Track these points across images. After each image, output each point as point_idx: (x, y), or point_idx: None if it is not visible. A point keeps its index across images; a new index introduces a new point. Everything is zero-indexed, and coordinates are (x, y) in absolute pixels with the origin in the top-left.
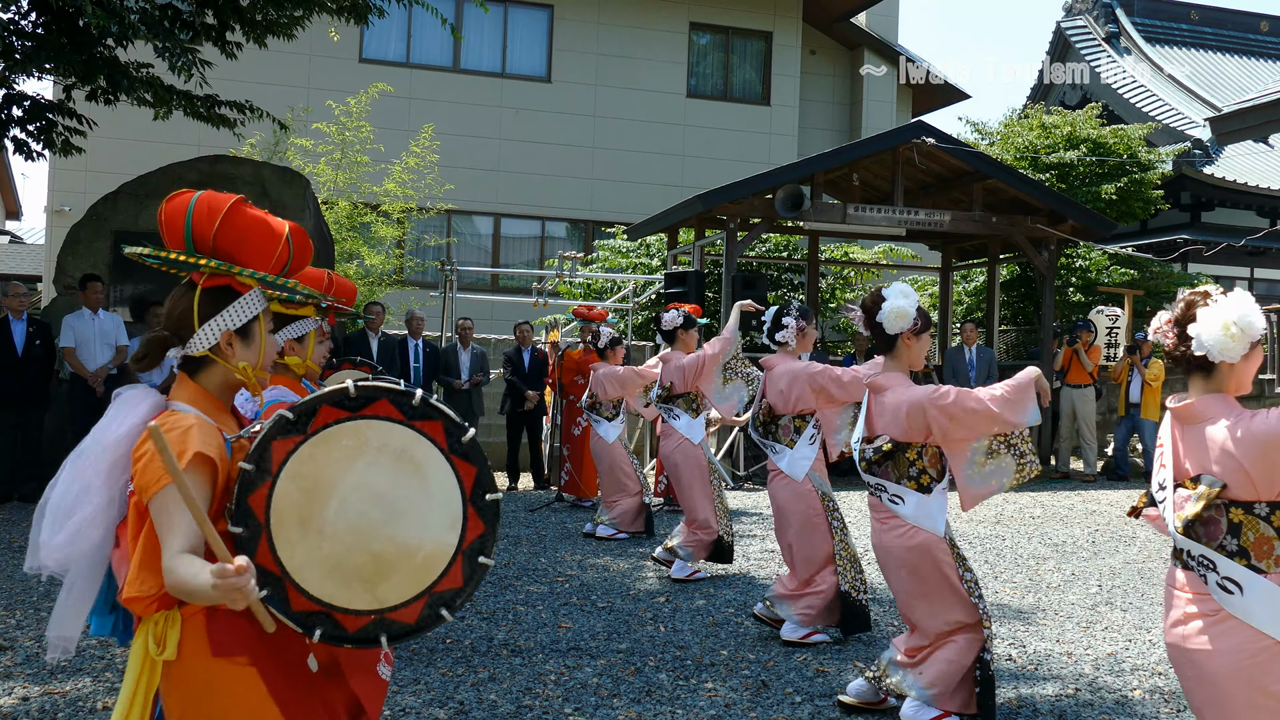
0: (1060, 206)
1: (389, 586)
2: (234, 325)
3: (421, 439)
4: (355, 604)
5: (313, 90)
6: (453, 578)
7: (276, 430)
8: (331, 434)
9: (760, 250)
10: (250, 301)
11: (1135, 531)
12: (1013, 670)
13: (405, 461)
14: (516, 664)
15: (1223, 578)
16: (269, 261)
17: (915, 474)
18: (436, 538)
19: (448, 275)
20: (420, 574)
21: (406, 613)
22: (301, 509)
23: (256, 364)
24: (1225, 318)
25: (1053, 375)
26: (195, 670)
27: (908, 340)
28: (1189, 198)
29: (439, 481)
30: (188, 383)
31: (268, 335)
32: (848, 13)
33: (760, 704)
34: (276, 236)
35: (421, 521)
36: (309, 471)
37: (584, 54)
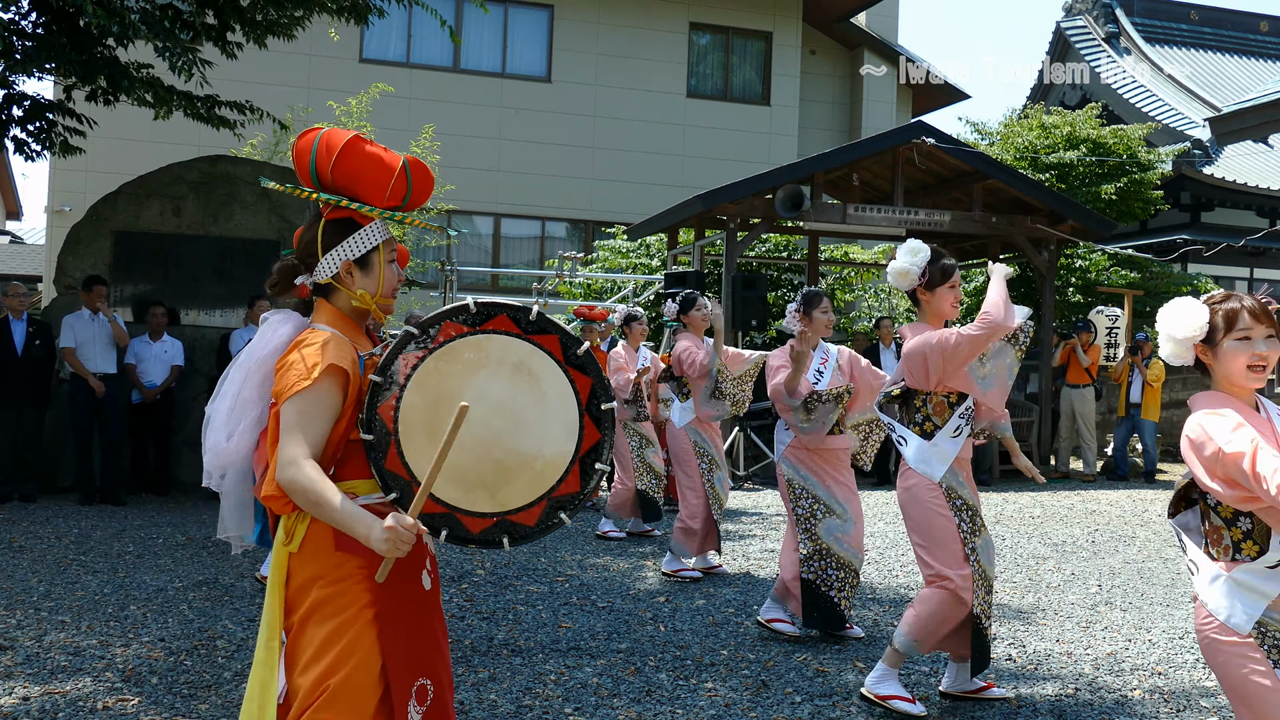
0: (1060, 206)
1: (510, 490)
2: (353, 255)
3: (538, 351)
4: (479, 507)
5: (313, 90)
6: (570, 483)
7: (402, 344)
8: (454, 347)
9: (760, 250)
10: (370, 233)
11: (1135, 531)
12: (1012, 670)
13: (523, 373)
14: (516, 664)
15: (1189, 559)
16: (383, 195)
17: (920, 420)
18: (555, 445)
19: (448, 275)
20: (540, 479)
21: (527, 515)
22: (428, 418)
23: (376, 292)
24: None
25: (1051, 375)
26: (313, 560)
27: (924, 296)
28: (1189, 198)
29: (556, 391)
30: (325, 306)
31: (388, 266)
32: (848, 13)
33: (760, 704)
34: (390, 170)
35: (541, 429)
36: (434, 383)
37: (584, 54)
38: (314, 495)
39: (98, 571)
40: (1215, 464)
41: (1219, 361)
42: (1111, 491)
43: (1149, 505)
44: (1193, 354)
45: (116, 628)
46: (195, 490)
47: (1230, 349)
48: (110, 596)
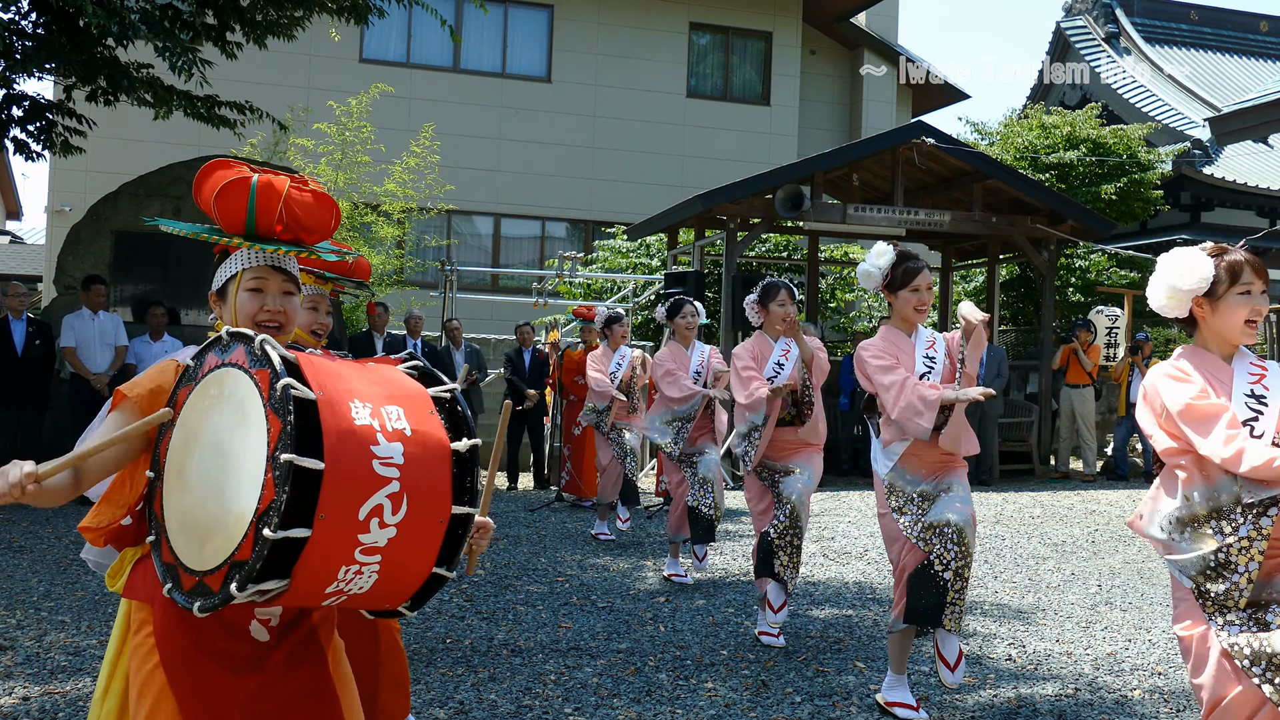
0: (1060, 206)
1: (211, 548)
2: (214, 287)
3: (254, 389)
4: (190, 562)
5: (313, 90)
6: (245, 549)
7: (182, 379)
8: (207, 382)
9: (760, 250)
10: (231, 263)
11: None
12: (1012, 670)
13: (240, 414)
14: (516, 664)
15: None
16: (238, 221)
17: (877, 420)
18: (243, 501)
19: (448, 275)
20: (228, 541)
21: (214, 580)
22: (180, 458)
23: (232, 322)
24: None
25: (1051, 375)
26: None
27: (887, 297)
28: (1189, 198)
29: (256, 436)
30: None
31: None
32: (848, 13)
33: (760, 704)
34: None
35: (238, 480)
36: (189, 420)
37: (584, 54)
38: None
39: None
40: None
41: (1217, 315)
42: (1111, 491)
43: None
44: (1188, 306)
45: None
46: None
47: (1233, 303)
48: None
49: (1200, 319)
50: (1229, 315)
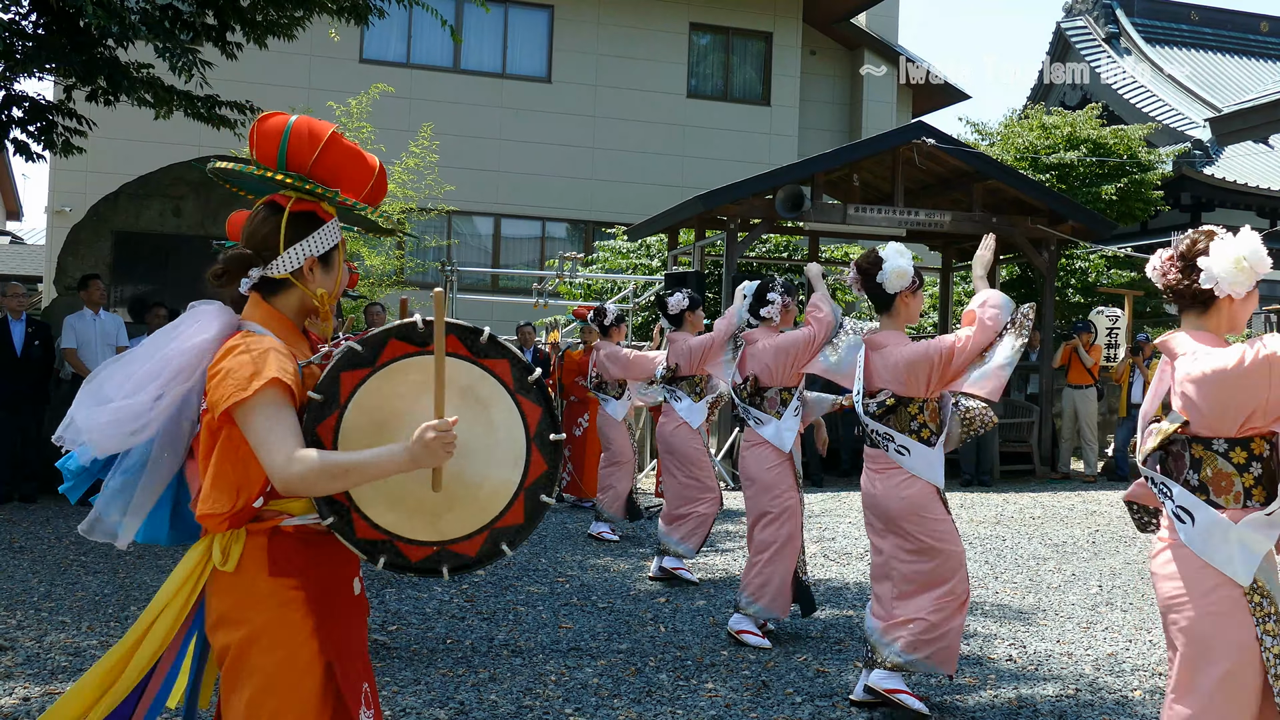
0: (1060, 207)
1: (452, 519)
2: (318, 251)
3: (488, 376)
4: (419, 534)
5: (313, 91)
6: (514, 514)
7: (345, 362)
8: (399, 367)
9: (760, 251)
10: (333, 229)
11: (1135, 532)
12: (1013, 670)
13: (471, 398)
14: (517, 664)
15: (1176, 505)
16: (362, 190)
17: (917, 428)
18: (500, 474)
19: (448, 276)
20: (483, 509)
21: (468, 545)
22: (369, 440)
23: (332, 292)
24: (1238, 251)
25: (1051, 375)
26: (246, 583)
27: (905, 299)
28: (1189, 198)
29: (503, 419)
30: (261, 304)
31: (343, 266)
32: (848, 13)
33: (761, 704)
34: (370, 169)
35: (485, 458)
36: (376, 404)
37: (584, 54)
38: (337, 468)
39: (98, 572)
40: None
41: (1247, 303)
42: (1112, 492)
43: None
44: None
45: (117, 628)
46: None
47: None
48: (111, 597)
49: (1230, 302)
50: (1249, 304)
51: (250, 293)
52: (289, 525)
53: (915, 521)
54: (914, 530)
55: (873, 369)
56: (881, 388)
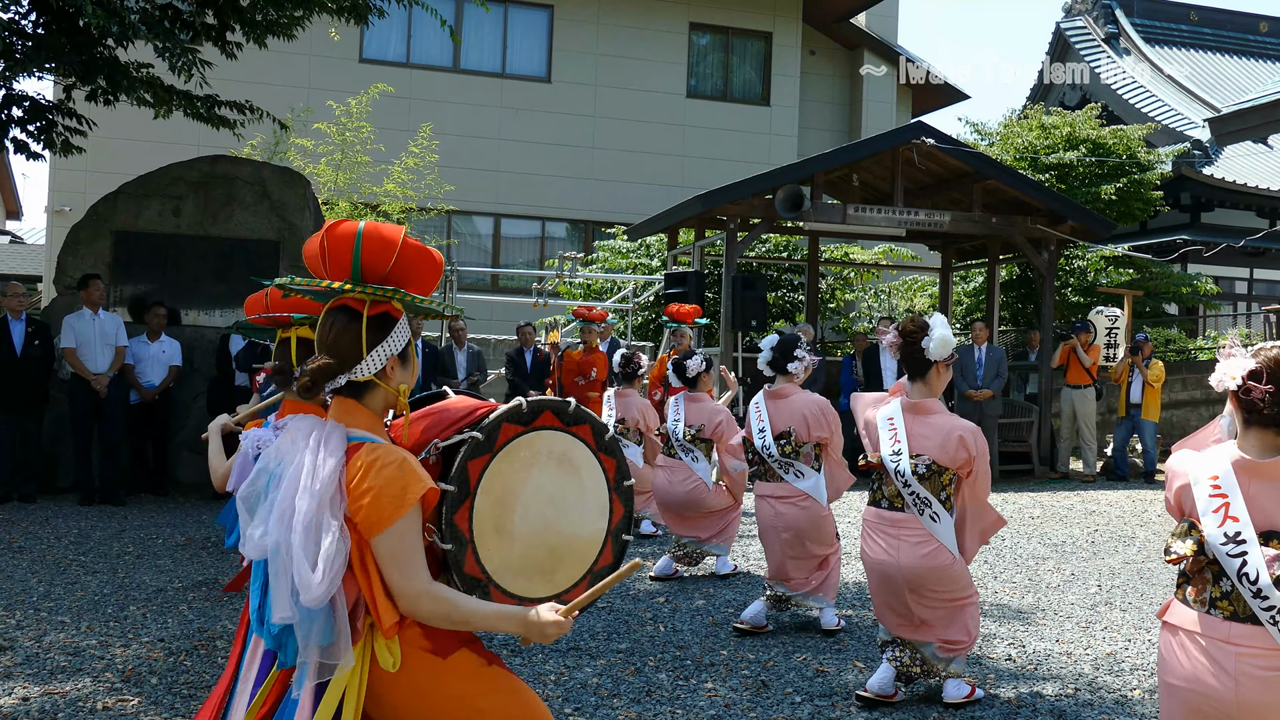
0: (1060, 207)
1: (562, 573)
2: (397, 350)
3: (576, 441)
4: (538, 592)
5: (313, 90)
6: (606, 556)
7: (471, 452)
8: (512, 448)
9: (760, 251)
10: (405, 326)
11: (1134, 532)
12: (1012, 670)
13: (566, 463)
14: (516, 664)
15: None
16: (432, 287)
17: (944, 497)
18: (593, 525)
19: (448, 276)
20: (584, 558)
21: (575, 592)
22: (496, 519)
23: (411, 385)
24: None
25: (1050, 375)
26: (421, 670)
27: (940, 369)
28: (1188, 198)
29: (591, 476)
30: (358, 408)
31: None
32: (848, 13)
33: (760, 704)
34: (438, 266)
35: (581, 513)
36: (498, 485)
37: (584, 54)
38: (459, 615)
39: (97, 572)
40: None
41: None
42: (1111, 492)
43: (1148, 506)
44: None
45: (116, 628)
46: (194, 490)
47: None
48: (110, 597)
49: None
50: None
51: (340, 398)
52: None
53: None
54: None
55: (914, 433)
56: (923, 453)
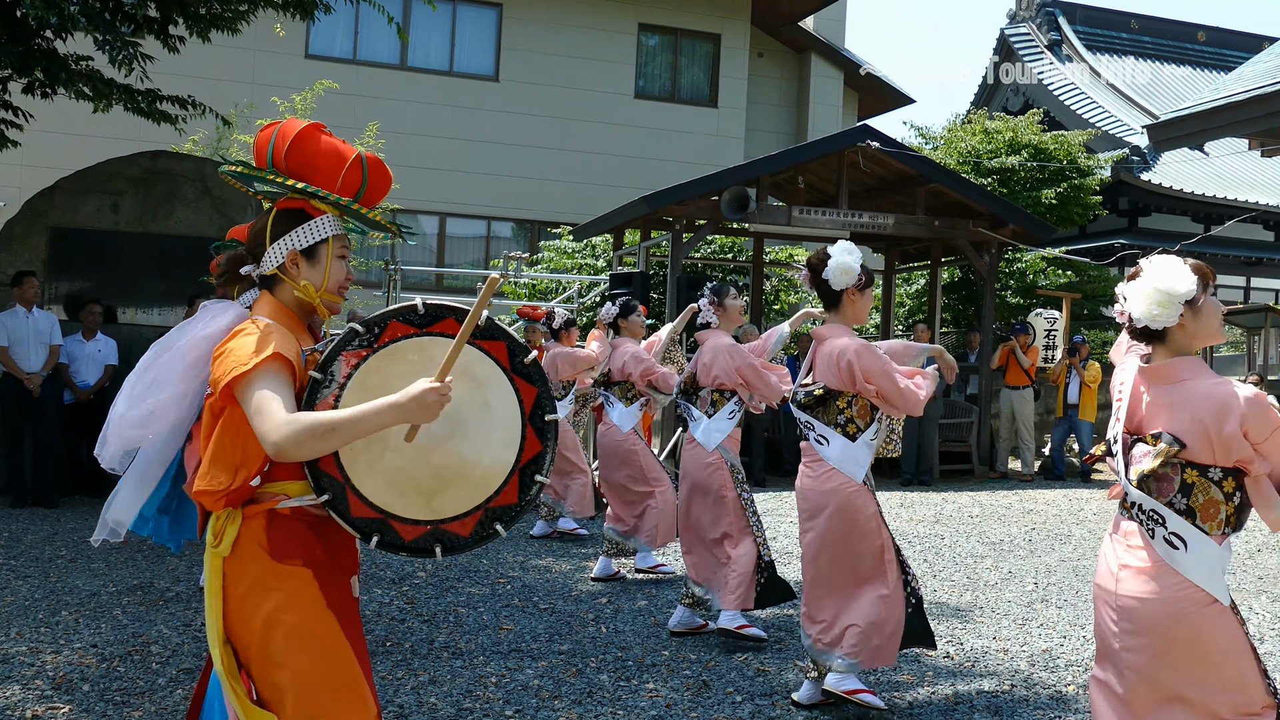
0: (1001, 211)
1: (446, 498)
2: (300, 245)
3: (485, 357)
4: (413, 513)
5: (257, 86)
6: (508, 494)
7: (345, 342)
8: (399, 348)
9: (706, 252)
10: (320, 225)
11: (1071, 530)
12: (950, 667)
13: (468, 378)
14: (457, 666)
15: (1170, 533)
16: (334, 182)
17: (843, 421)
18: (495, 454)
19: (391, 274)
20: (477, 488)
21: (462, 525)
22: None
23: (321, 285)
24: (1146, 287)
25: (990, 376)
26: (249, 569)
27: (852, 296)
28: (1127, 203)
29: (500, 399)
30: (267, 298)
31: (336, 260)
32: (796, 17)
33: (701, 704)
34: (343, 158)
35: (481, 437)
36: (376, 383)
37: (532, 54)
38: (323, 428)
39: (28, 576)
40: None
41: (1200, 319)
42: (1048, 491)
43: (1085, 504)
44: (1178, 314)
45: (47, 634)
46: None
47: (1211, 304)
48: (41, 602)
49: (1182, 327)
50: (1212, 317)
51: (261, 290)
52: (285, 507)
53: (836, 515)
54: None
55: (815, 362)
56: (818, 380)
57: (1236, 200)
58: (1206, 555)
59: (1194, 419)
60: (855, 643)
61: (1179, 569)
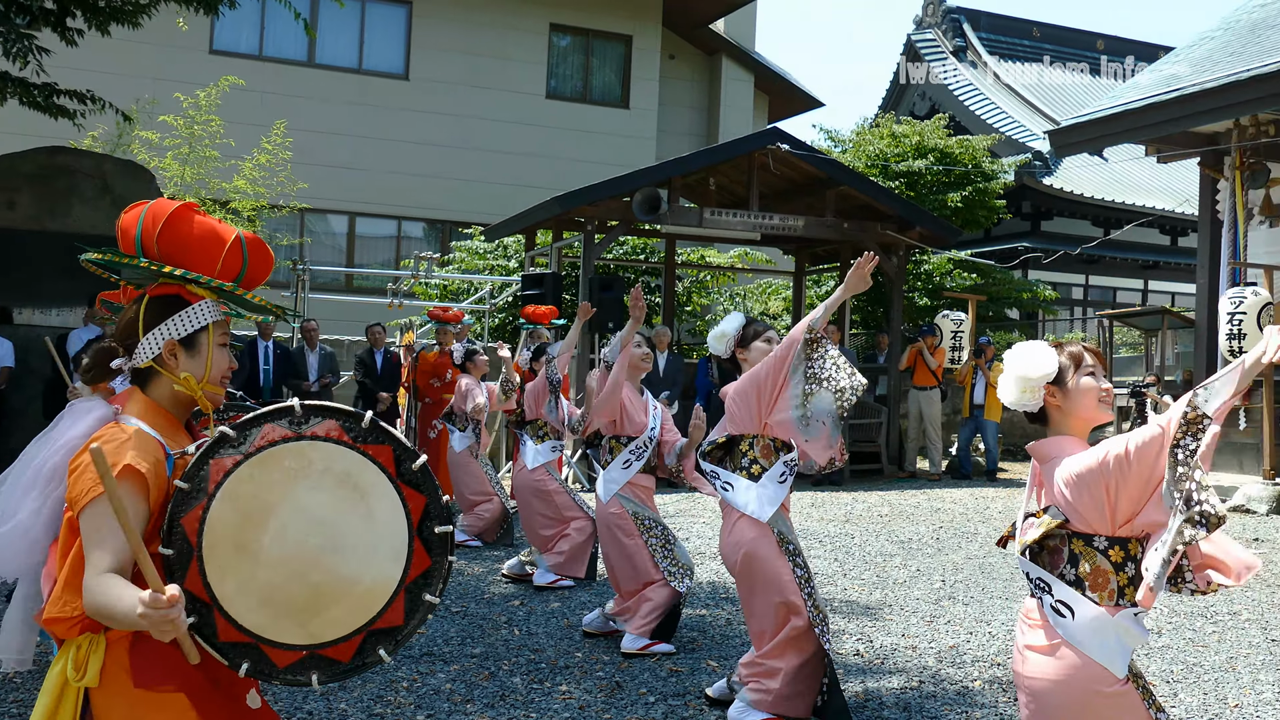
0: (909, 213)
1: (325, 620)
2: (178, 335)
3: (369, 464)
4: (287, 637)
5: (160, 82)
6: (394, 614)
7: (215, 447)
8: (273, 454)
9: (618, 253)
10: (198, 311)
11: (977, 528)
12: (859, 665)
13: (350, 487)
14: (368, 672)
15: (1056, 600)
16: (214, 266)
17: (747, 464)
18: (379, 570)
19: (300, 275)
20: (359, 609)
21: (341, 650)
22: (237, 532)
23: (203, 378)
24: (1011, 375)
25: (898, 377)
26: (118, 699)
27: (741, 354)
28: (1030, 207)
29: (385, 510)
30: (138, 395)
31: (218, 349)
32: (707, 19)
33: (614, 705)
34: (222, 241)
35: (364, 552)
36: (247, 492)
37: (443, 52)
38: (101, 606)
39: None
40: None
41: (1070, 399)
42: (955, 490)
43: (990, 503)
44: (1041, 396)
45: None
46: None
47: (1083, 385)
48: None
49: (1055, 409)
50: (1083, 396)
51: (131, 385)
52: None
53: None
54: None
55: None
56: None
57: (1134, 205)
58: (1097, 625)
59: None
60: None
61: (1070, 640)
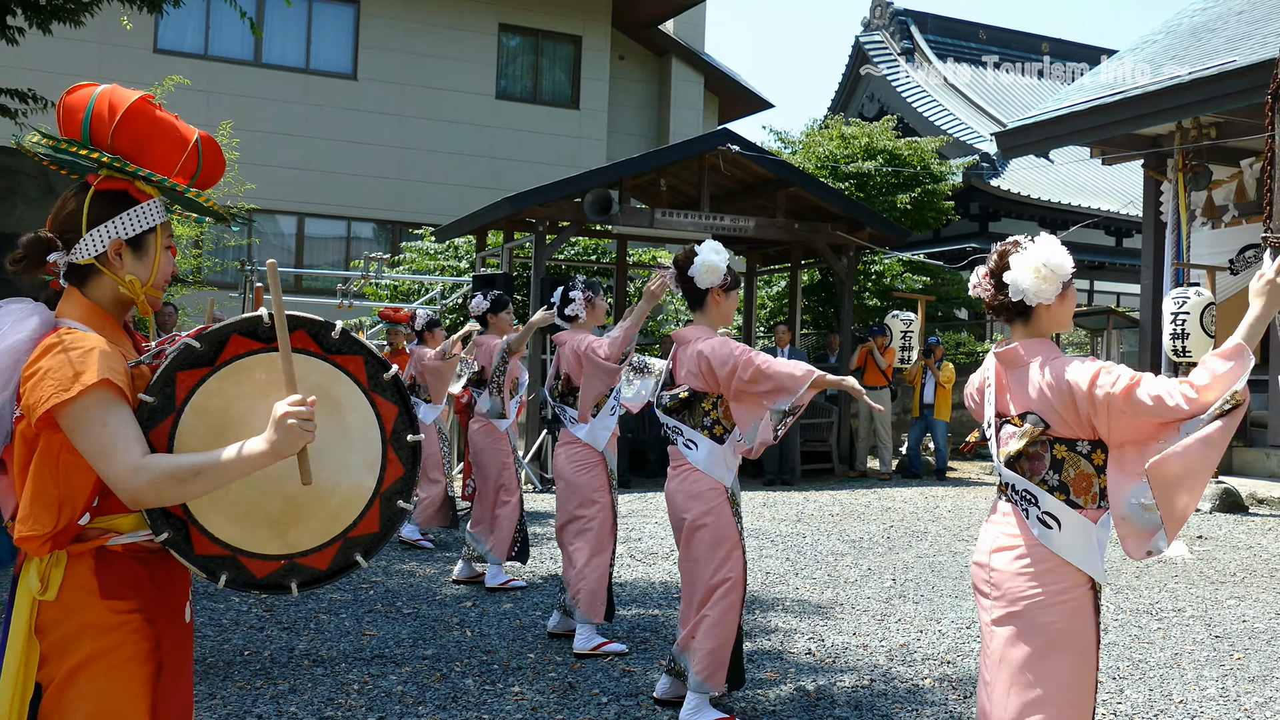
0: (858, 214)
1: (301, 530)
2: (126, 234)
3: (340, 374)
4: (264, 548)
5: (104, 80)
6: (369, 522)
7: (182, 360)
8: (242, 366)
9: (569, 254)
10: (148, 211)
11: (927, 527)
12: (811, 664)
13: (322, 398)
14: (319, 674)
15: (1043, 512)
16: (173, 167)
17: (709, 424)
18: (354, 479)
19: (248, 275)
20: (335, 518)
21: (319, 558)
22: (208, 446)
23: (148, 281)
24: (1035, 261)
25: (849, 375)
26: (75, 611)
27: (717, 297)
28: (978, 208)
29: (357, 420)
30: (76, 296)
31: (164, 252)
32: (656, 20)
33: (567, 705)
34: (184, 141)
35: (338, 462)
36: (217, 405)
37: (391, 52)
38: (187, 473)
39: None
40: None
41: (1066, 303)
42: (905, 489)
43: (940, 502)
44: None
45: None
46: None
47: (1071, 294)
48: None
49: (1049, 307)
50: (1071, 304)
51: (66, 285)
52: (117, 544)
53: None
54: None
55: (677, 364)
56: (682, 382)
57: (1080, 206)
58: (1081, 535)
59: (1045, 399)
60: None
61: (1054, 549)
